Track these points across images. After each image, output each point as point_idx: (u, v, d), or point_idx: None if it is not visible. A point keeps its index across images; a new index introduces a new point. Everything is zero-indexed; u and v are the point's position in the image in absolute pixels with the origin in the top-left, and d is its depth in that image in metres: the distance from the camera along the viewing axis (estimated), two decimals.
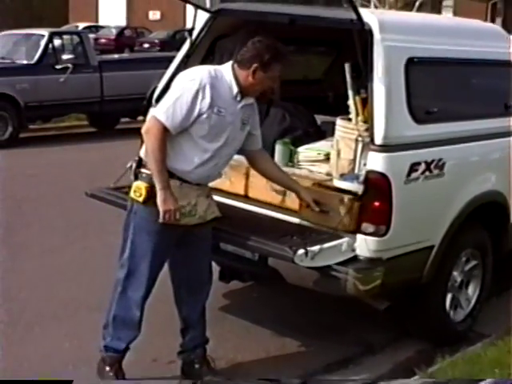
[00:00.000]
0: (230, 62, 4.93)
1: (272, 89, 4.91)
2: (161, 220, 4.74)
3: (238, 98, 4.88)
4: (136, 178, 4.89)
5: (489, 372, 5.10)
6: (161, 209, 4.71)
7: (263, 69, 4.82)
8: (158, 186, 4.71)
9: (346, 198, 5.07)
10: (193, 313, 5.31)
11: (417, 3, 31.10)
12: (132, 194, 4.87)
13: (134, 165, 4.95)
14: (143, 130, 4.77)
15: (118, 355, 5.10)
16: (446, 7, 41.76)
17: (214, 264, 6.16)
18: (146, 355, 5.53)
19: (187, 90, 4.71)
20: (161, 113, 4.72)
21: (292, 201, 5.46)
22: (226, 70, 4.87)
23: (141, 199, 4.79)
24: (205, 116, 4.73)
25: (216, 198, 5.78)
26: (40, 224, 8.76)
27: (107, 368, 5.06)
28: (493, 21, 38.83)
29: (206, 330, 5.35)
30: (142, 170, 4.87)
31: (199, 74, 4.78)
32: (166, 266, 5.18)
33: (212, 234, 5.23)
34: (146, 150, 4.77)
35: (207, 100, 4.71)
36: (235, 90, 4.85)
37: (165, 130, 4.68)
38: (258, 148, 5.25)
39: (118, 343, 5.08)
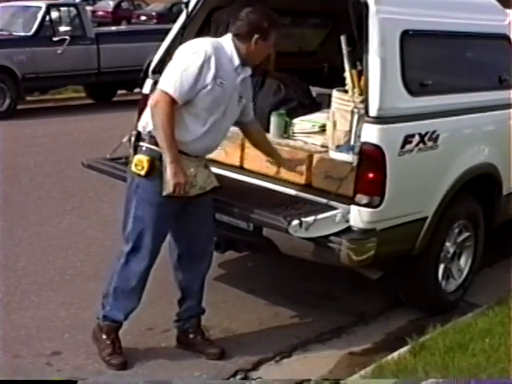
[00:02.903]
0: (229, 35, 4.86)
1: (268, 56, 4.86)
2: (168, 191, 4.68)
3: (239, 71, 4.84)
4: (135, 152, 4.83)
5: (479, 341, 5.11)
6: (171, 182, 4.65)
7: (263, 38, 4.79)
8: (168, 159, 4.64)
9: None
10: (193, 283, 5.29)
11: None
12: (133, 168, 4.79)
13: (133, 138, 4.86)
14: (152, 103, 4.68)
15: (116, 325, 5.08)
16: None
17: None
18: (141, 324, 5.51)
19: (193, 62, 4.64)
20: (168, 85, 4.63)
21: (287, 172, 5.44)
22: (226, 43, 4.81)
23: (143, 172, 4.73)
24: (209, 87, 4.67)
25: (212, 169, 5.77)
26: (37, 193, 8.74)
27: (104, 336, 5.04)
28: None
29: (202, 301, 5.33)
30: (142, 144, 4.80)
31: (203, 45, 4.71)
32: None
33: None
34: (156, 123, 4.65)
35: (212, 71, 4.65)
36: (236, 62, 4.80)
37: (173, 103, 4.61)
38: (250, 119, 5.24)
39: (117, 314, 5.05)
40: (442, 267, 5.89)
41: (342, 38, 5.24)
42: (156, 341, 5.37)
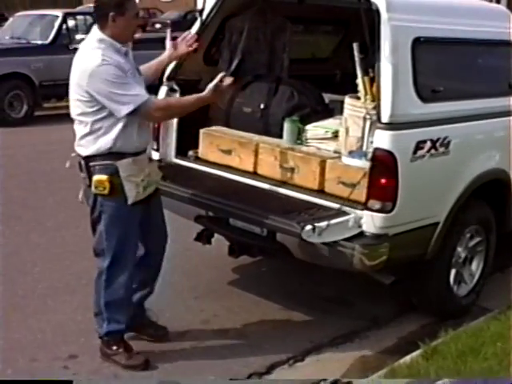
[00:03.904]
0: (95, 31, 4.78)
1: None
2: (133, 200, 4.76)
3: (127, 54, 4.83)
4: (90, 173, 4.78)
5: (491, 345, 5.08)
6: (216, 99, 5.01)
7: (120, 13, 4.68)
8: (207, 100, 4.95)
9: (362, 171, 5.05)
10: (155, 275, 5.34)
11: None
12: (95, 190, 4.77)
13: (83, 162, 4.81)
14: (157, 119, 4.71)
15: (120, 334, 5.10)
16: None
17: (223, 238, 6.18)
18: None
19: (111, 74, 4.57)
20: (125, 108, 4.59)
21: (300, 177, 5.44)
22: (101, 40, 4.71)
23: (106, 192, 4.73)
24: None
25: (226, 174, 5.78)
26: (53, 199, 8.76)
27: (114, 347, 5.05)
28: (498, 2, 38.64)
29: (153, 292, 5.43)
30: (95, 163, 4.75)
31: (95, 63, 4.58)
32: None
33: (221, 209, 5.23)
34: (178, 115, 5.10)
35: (124, 70, 4.64)
36: (123, 50, 4.77)
37: (156, 100, 4.69)
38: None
39: (118, 325, 5.06)
40: (453, 272, 5.87)
41: (355, 45, 5.23)
42: (171, 345, 5.36)
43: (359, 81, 5.21)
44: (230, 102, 6.15)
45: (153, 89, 5.42)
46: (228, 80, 4.98)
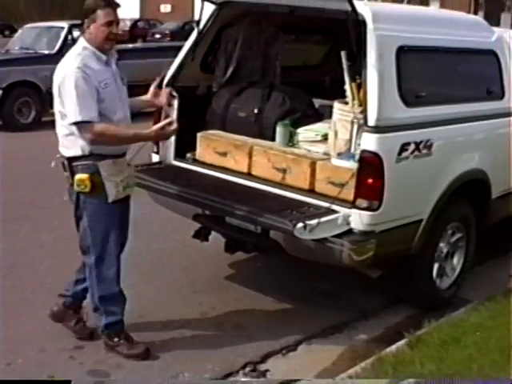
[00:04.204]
0: (81, 39, 4.84)
1: (114, 34, 4.79)
2: (113, 198, 4.77)
3: (109, 63, 4.84)
4: (73, 173, 4.79)
5: (470, 335, 5.10)
6: (155, 138, 5.05)
7: (92, 20, 4.71)
8: (145, 139, 4.99)
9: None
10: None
11: None
12: (77, 188, 4.78)
13: (66, 163, 4.82)
14: (90, 141, 4.66)
15: (119, 325, 5.08)
16: (434, 1, 41.68)
17: (219, 236, 6.18)
18: (157, 321, 5.54)
19: (77, 83, 4.58)
20: (72, 117, 4.60)
21: (292, 178, 5.44)
22: (84, 47, 4.76)
23: (87, 190, 4.75)
24: (100, 94, 4.67)
25: (222, 175, 5.78)
26: (59, 199, 8.66)
27: (115, 339, 5.04)
28: (475, 13, 38.70)
29: None
30: (78, 163, 4.77)
31: (71, 71, 4.62)
32: None
33: (218, 208, 5.23)
34: (113, 143, 4.77)
35: (92, 81, 4.63)
36: (103, 58, 4.79)
37: (97, 124, 4.60)
38: None
39: (114, 317, 5.04)
40: (436, 266, 5.88)
41: (343, 54, 5.24)
42: (171, 336, 5.35)
43: (347, 87, 5.23)
44: (226, 107, 6.15)
45: None
46: (174, 125, 4.98)
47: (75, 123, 4.62)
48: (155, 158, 6.23)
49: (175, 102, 6.10)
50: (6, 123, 14.15)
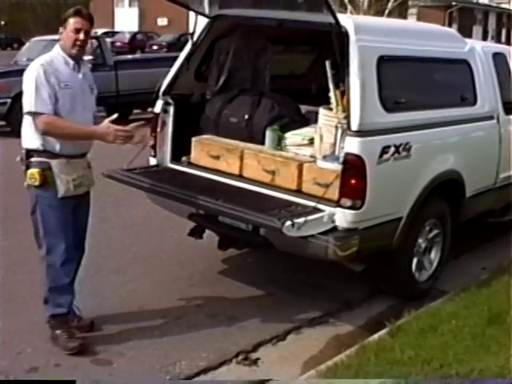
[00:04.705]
0: (56, 46, 4.89)
1: (81, 41, 4.79)
2: (62, 194, 4.73)
3: (76, 69, 4.83)
4: (27, 168, 4.76)
5: (446, 323, 5.10)
6: (110, 138, 4.77)
7: (64, 27, 4.80)
8: (95, 136, 4.82)
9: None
10: (76, 269, 5.11)
11: (386, 11, 31.11)
12: (29, 182, 4.76)
13: (24, 157, 4.80)
14: (41, 131, 4.64)
15: (64, 318, 4.98)
16: (411, 14, 41.91)
17: (212, 234, 6.16)
18: (156, 312, 5.48)
19: (36, 75, 4.65)
20: (26, 107, 4.67)
21: (280, 179, 5.43)
22: (57, 52, 4.83)
23: (37, 183, 4.71)
24: (58, 93, 4.66)
25: (215, 177, 5.76)
26: None
27: (58, 331, 4.94)
28: (450, 26, 38.86)
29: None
30: (32, 160, 4.75)
31: (35, 67, 4.71)
32: None
33: (211, 208, 5.20)
34: (60, 137, 4.70)
35: (51, 77, 4.64)
36: (71, 62, 4.80)
37: (49, 117, 4.61)
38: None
39: (60, 309, 4.95)
40: (415, 260, 5.87)
41: (327, 63, 5.23)
42: (169, 327, 5.33)
43: (331, 94, 5.22)
44: (219, 114, 6.13)
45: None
46: (129, 128, 4.91)
47: (29, 113, 4.67)
48: (152, 161, 6.20)
49: (171, 109, 6.08)
50: (14, 129, 14.08)
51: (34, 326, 5.19)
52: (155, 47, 38.30)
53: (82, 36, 4.77)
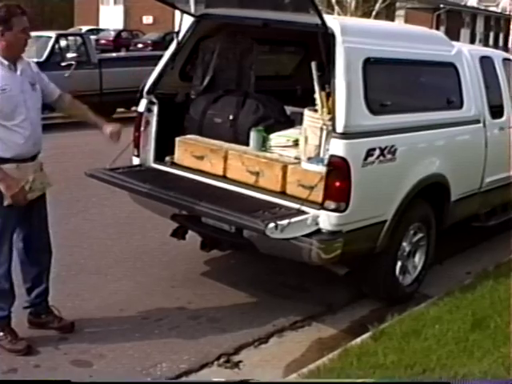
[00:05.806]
0: None
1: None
2: (9, 202, 4.61)
3: (13, 68, 4.67)
4: None
5: (430, 327, 5.11)
6: (8, 195, 4.56)
7: (7, 28, 4.58)
8: None
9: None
10: (42, 273, 5.13)
11: (373, 12, 31.20)
12: None
13: None
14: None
15: (5, 321, 4.93)
16: (399, 16, 41.95)
17: (195, 234, 6.16)
18: (138, 314, 5.51)
19: None
20: None
21: (264, 181, 5.43)
22: None
23: None
24: None
25: (199, 178, 5.76)
26: (48, 199, 8.63)
27: (0, 333, 4.90)
28: (437, 29, 39.02)
29: (49, 287, 5.21)
30: None
31: None
32: None
33: (194, 209, 5.20)
34: None
35: None
36: (5, 63, 4.63)
37: None
38: (57, 94, 5.08)
39: (1, 312, 4.90)
40: (399, 264, 5.88)
41: (313, 64, 5.23)
42: (150, 328, 5.31)
43: (317, 95, 5.23)
44: (203, 114, 6.12)
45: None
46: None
47: None
48: (136, 160, 6.19)
49: (155, 109, 6.08)
50: None
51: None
52: (140, 45, 38.10)
53: (29, 35, 4.68)
